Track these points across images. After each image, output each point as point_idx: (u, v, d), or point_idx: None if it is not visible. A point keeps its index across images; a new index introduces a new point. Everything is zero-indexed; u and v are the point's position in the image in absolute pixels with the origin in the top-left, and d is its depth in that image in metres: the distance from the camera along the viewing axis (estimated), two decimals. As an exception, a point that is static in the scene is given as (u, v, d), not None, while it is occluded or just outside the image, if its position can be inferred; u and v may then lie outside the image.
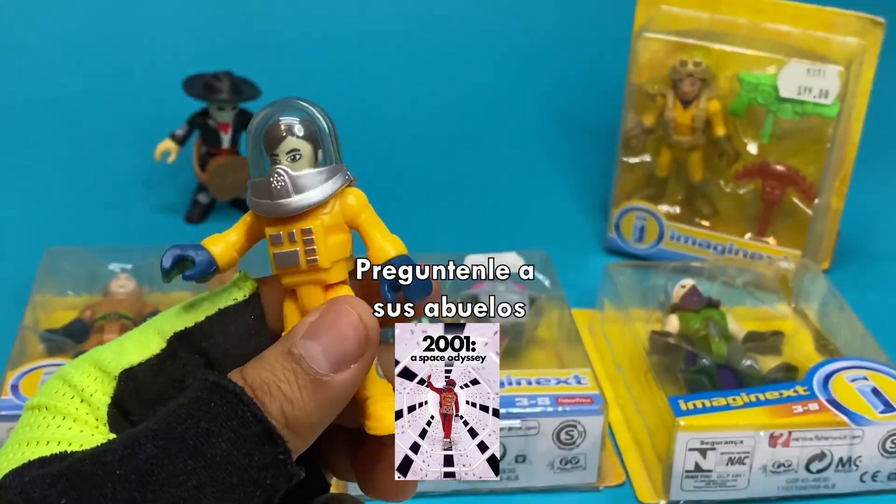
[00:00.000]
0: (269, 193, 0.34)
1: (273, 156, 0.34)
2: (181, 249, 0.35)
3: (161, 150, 0.91)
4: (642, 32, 0.85)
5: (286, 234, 0.34)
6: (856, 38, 0.82)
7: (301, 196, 0.34)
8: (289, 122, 0.35)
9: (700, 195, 0.89)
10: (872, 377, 0.68)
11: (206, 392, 0.31)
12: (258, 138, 0.35)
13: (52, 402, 0.33)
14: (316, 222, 0.34)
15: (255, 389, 0.31)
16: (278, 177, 0.34)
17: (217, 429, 0.30)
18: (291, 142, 0.35)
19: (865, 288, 0.86)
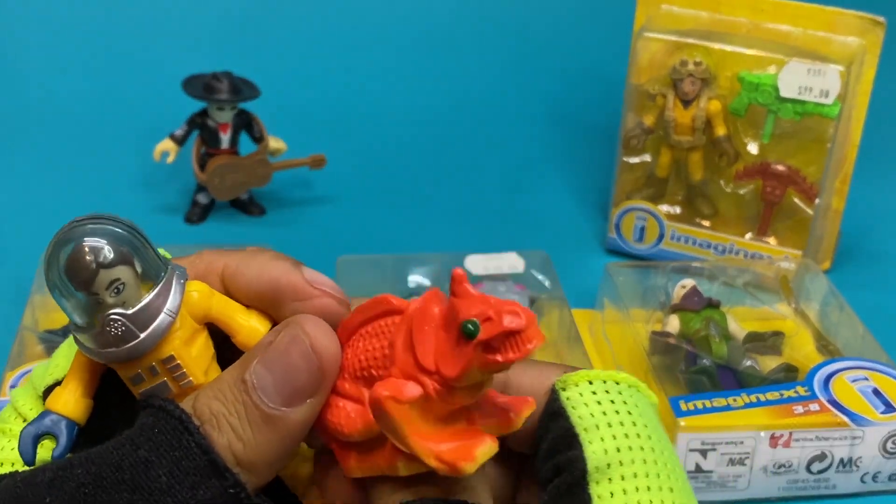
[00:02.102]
0: (108, 342, 0.29)
1: (92, 294, 0.29)
2: (34, 429, 0.30)
3: (160, 151, 0.91)
4: (642, 32, 0.85)
5: (146, 371, 0.30)
6: (856, 38, 0.82)
7: (149, 331, 0.29)
8: (92, 250, 0.29)
9: (700, 195, 0.89)
10: (873, 377, 0.68)
11: (150, 418, 0.29)
12: (63, 280, 0.29)
13: (4, 425, 0.32)
14: (173, 346, 0.30)
15: (203, 423, 0.29)
16: (115, 323, 0.29)
17: (157, 459, 0.28)
18: (108, 274, 0.29)
19: (866, 288, 0.86)
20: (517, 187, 1.01)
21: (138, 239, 0.31)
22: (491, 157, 1.07)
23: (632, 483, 0.31)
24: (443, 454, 0.29)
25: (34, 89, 1.12)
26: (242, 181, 0.92)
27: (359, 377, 0.31)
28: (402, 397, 0.29)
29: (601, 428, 0.32)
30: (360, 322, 0.32)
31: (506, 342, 0.29)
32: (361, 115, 1.12)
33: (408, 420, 0.29)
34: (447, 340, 0.30)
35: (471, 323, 0.29)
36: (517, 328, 0.29)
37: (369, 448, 0.31)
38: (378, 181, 1.01)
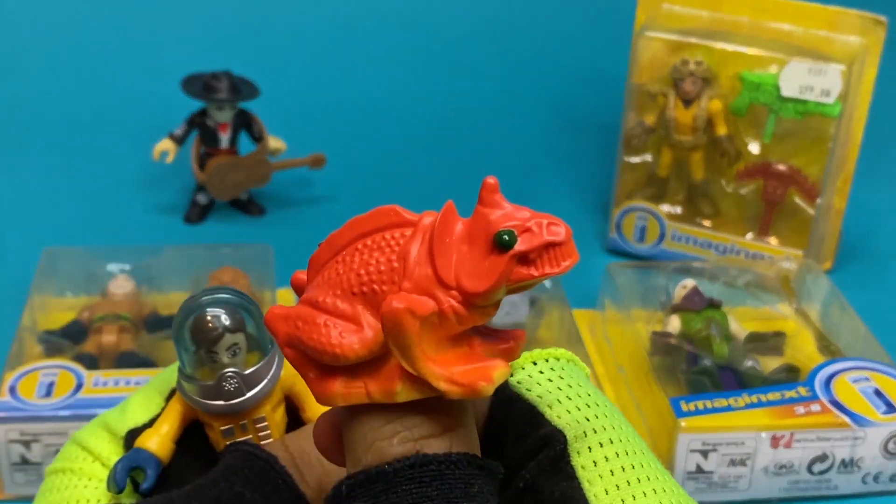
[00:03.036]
0: (220, 395, 0.34)
1: (211, 353, 0.34)
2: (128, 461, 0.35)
3: (159, 150, 0.91)
4: (643, 31, 0.85)
5: (238, 427, 0.35)
6: (858, 37, 0.82)
7: (254, 392, 0.35)
8: (217, 316, 0.35)
9: (701, 195, 0.88)
10: (875, 378, 0.67)
11: (238, 460, 0.33)
12: (191, 338, 0.35)
13: (72, 465, 0.36)
14: (266, 409, 0.35)
15: (295, 458, 0.33)
16: (231, 380, 0.34)
17: (251, 494, 0.32)
18: (229, 339, 0.35)
19: (868, 288, 0.85)
20: (517, 187, 1.01)
21: (254, 311, 0.36)
22: (491, 157, 1.06)
23: (610, 449, 0.31)
24: (455, 376, 0.28)
25: (33, 89, 1.11)
26: (242, 181, 0.92)
27: (356, 293, 0.29)
28: (420, 310, 0.27)
29: (563, 402, 0.32)
30: (357, 235, 0.30)
31: (543, 255, 0.28)
32: (361, 115, 1.12)
33: (420, 340, 0.28)
34: (471, 253, 0.28)
35: (507, 233, 0.27)
36: (559, 240, 0.28)
37: (361, 371, 0.29)
38: (378, 181, 1.01)
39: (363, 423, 0.29)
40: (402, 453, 0.28)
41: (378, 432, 0.28)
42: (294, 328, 0.29)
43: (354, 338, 0.28)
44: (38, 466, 0.62)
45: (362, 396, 0.28)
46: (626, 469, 0.31)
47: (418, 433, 0.28)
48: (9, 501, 0.63)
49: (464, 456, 0.28)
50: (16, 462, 0.62)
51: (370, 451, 0.28)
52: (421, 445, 0.28)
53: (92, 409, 0.62)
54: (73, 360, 0.67)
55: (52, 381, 0.64)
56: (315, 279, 0.30)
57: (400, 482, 0.27)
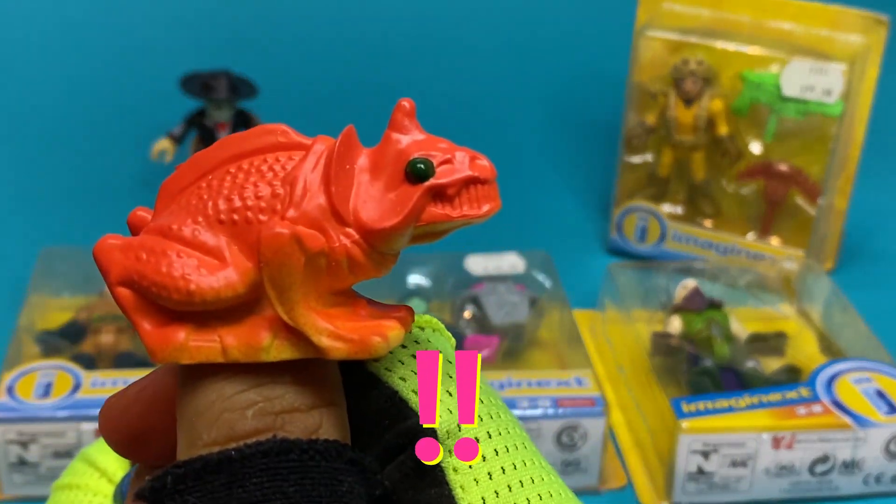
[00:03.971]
0: None
1: None
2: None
3: (158, 150, 0.90)
4: (644, 30, 0.85)
5: None
6: (859, 36, 0.82)
7: None
8: None
9: (702, 195, 0.88)
10: (876, 379, 0.67)
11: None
12: None
13: (79, 480, 0.35)
14: None
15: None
16: None
17: None
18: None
19: (869, 288, 0.85)
20: (518, 187, 1.01)
21: None
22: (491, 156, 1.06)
23: (489, 445, 0.25)
24: (341, 330, 0.23)
25: (31, 87, 1.11)
26: (241, 180, 0.91)
27: (224, 222, 0.23)
28: (309, 243, 0.22)
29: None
30: (231, 155, 0.24)
31: (463, 193, 0.23)
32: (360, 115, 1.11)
33: (302, 283, 0.23)
34: (376, 184, 0.23)
35: (422, 161, 0.23)
36: (483, 178, 0.24)
37: (216, 320, 0.23)
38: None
39: (209, 389, 0.23)
40: (258, 429, 0.22)
41: (228, 402, 0.22)
42: (135, 260, 0.24)
43: (217, 274, 0.23)
44: (36, 467, 0.62)
45: (215, 352, 0.23)
46: (508, 470, 0.25)
47: (280, 406, 0.23)
48: (7, 502, 0.63)
49: (333, 445, 0.23)
50: (13, 463, 0.62)
51: (216, 426, 0.22)
52: (283, 421, 0.23)
53: (90, 410, 0.62)
54: (70, 360, 0.67)
55: (49, 382, 0.64)
56: (169, 206, 0.25)
57: (249, 473, 0.22)
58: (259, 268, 0.23)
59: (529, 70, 1.20)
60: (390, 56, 1.20)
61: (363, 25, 1.23)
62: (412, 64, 1.19)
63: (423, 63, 1.19)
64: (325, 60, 1.18)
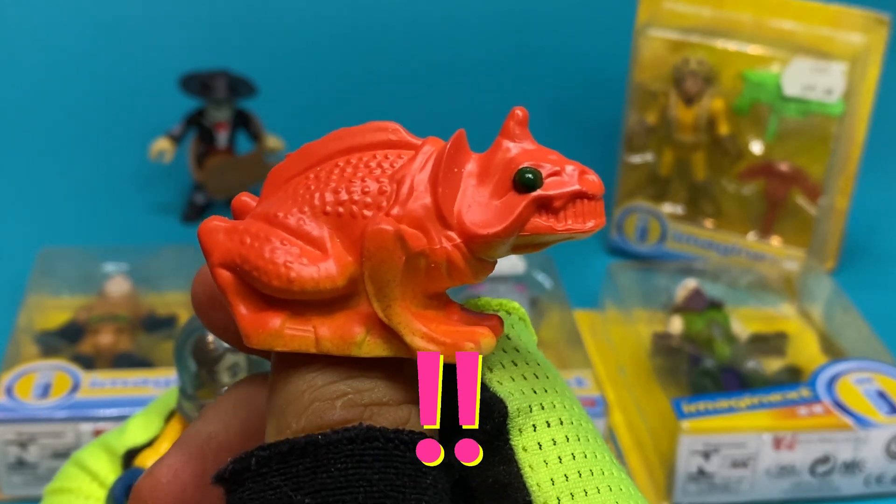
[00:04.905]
0: None
1: (212, 372, 0.34)
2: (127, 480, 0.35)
3: (157, 149, 0.90)
4: (644, 30, 0.85)
5: None
6: (861, 36, 0.81)
7: None
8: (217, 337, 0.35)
9: (703, 195, 0.88)
10: (878, 379, 0.67)
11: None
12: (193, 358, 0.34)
13: (71, 484, 0.35)
14: None
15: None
16: None
17: None
18: (230, 359, 0.34)
19: (871, 289, 0.85)
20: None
21: None
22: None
23: (560, 432, 0.25)
24: (435, 332, 0.23)
25: (30, 87, 1.11)
26: (240, 180, 0.91)
27: (329, 213, 0.23)
28: (412, 242, 0.22)
29: (507, 367, 0.25)
30: (343, 148, 0.25)
31: (569, 207, 0.23)
32: (360, 114, 1.11)
33: (402, 281, 0.23)
34: (483, 189, 0.23)
35: (531, 171, 0.23)
36: (592, 193, 0.23)
37: (312, 311, 0.23)
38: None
39: (300, 379, 0.23)
40: (346, 419, 0.22)
41: (319, 392, 0.22)
42: (239, 243, 0.23)
43: (318, 265, 0.23)
44: (35, 468, 0.62)
45: (309, 342, 0.23)
46: (578, 457, 0.25)
47: (369, 398, 0.23)
48: (6, 502, 0.63)
49: (419, 436, 0.22)
50: (12, 463, 0.62)
51: (305, 414, 0.22)
52: (371, 413, 0.23)
53: (89, 410, 0.61)
54: (69, 360, 0.67)
55: (48, 382, 0.64)
56: (275, 193, 0.25)
57: (334, 459, 0.21)
58: (360, 262, 0.23)
59: (529, 70, 1.20)
60: (390, 55, 1.20)
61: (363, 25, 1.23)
62: (412, 64, 1.19)
63: (423, 63, 1.19)
64: (324, 60, 1.18)
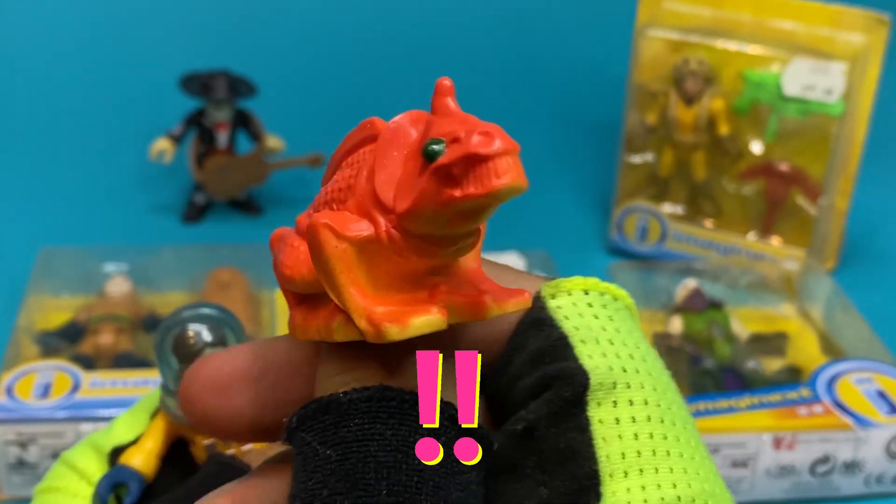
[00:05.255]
0: None
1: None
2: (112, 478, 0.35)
3: (157, 150, 0.90)
4: (644, 30, 0.85)
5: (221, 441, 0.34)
6: (861, 36, 0.81)
7: None
8: (198, 332, 0.35)
9: (703, 195, 0.88)
10: (878, 379, 0.67)
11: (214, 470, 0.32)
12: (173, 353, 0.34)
13: (59, 483, 0.35)
14: None
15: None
16: None
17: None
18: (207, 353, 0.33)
19: (871, 289, 0.85)
20: (518, 186, 1.01)
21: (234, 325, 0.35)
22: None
23: (642, 411, 0.25)
24: (374, 314, 0.23)
25: (30, 87, 1.11)
26: (240, 180, 0.91)
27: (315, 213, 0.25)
28: (344, 231, 0.23)
29: (601, 343, 0.26)
30: (344, 151, 0.26)
31: (468, 171, 0.22)
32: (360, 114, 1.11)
33: (349, 268, 0.23)
34: (412, 168, 0.23)
35: (435, 142, 0.22)
36: (485, 153, 0.21)
37: (316, 303, 0.25)
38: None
39: (323, 367, 0.25)
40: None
41: (330, 381, 0.25)
42: (275, 249, 0.26)
43: (306, 262, 0.24)
44: (35, 468, 0.62)
45: (312, 332, 0.24)
46: (656, 437, 0.25)
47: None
48: (6, 502, 0.63)
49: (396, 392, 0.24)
50: (12, 463, 0.62)
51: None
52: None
53: (89, 411, 0.61)
54: (70, 360, 0.67)
55: (48, 382, 0.64)
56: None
57: (352, 415, 0.23)
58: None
59: (530, 70, 1.20)
60: (390, 55, 1.20)
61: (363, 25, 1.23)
62: (412, 64, 1.19)
63: (423, 63, 1.19)
64: (325, 60, 1.18)
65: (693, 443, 0.26)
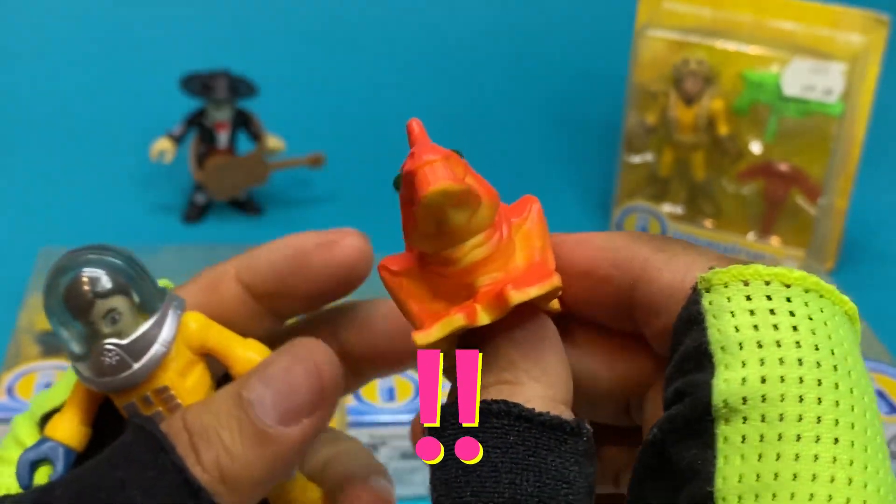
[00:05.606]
0: (102, 371, 0.29)
1: (88, 324, 0.29)
2: (32, 455, 0.31)
3: (157, 150, 0.90)
4: (644, 30, 0.85)
5: (140, 400, 0.30)
6: (860, 36, 0.81)
7: (143, 362, 0.30)
8: (91, 279, 0.29)
9: (703, 195, 0.88)
10: (877, 379, 0.67)
11: (130, 436, 0.28)
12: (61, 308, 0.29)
13: (5, 454, 0.32)
14: (168, 376, 0.30)
15: (192, 435, 0.28)
16: (109, 353, 0.29)
17: (133, 479, 0.27)
18: (104, 304, 0.29)
19: (870, 289, 0.85)
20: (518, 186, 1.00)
21: (135, 269, 0.30)
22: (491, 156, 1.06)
23: (775, 429, 0.23)
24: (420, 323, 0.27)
25: (31, 88, 1.11)
26: (240, 180, 0.91)
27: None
28: (390, 267, 0.27)
29: (746, 348, 0.24)
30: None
31: (410, 192, 0.25)
32: (360, 114, 1.11)
33: (405, 291, 0.27)
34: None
35: (397, 178, 0.26)
36: (408, 170, 0.25)
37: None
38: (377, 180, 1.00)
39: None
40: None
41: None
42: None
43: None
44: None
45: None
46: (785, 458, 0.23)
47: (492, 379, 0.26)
48: (5, 503, 0.63)
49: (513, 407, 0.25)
50: (12, 463, 0.62)
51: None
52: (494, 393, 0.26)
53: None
54: (67, 365, 0.67)
55: (49, 382, 0.64)
56: None
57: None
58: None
59: (530, 70, 1.20)
60: (390, 56, 1.20)
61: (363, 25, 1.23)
62: (412, 64, 1.19)
63: (423, 63, 1.19)
64: (325, 60, 1.18)
65: (857, 463, 0.23)
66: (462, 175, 0.26)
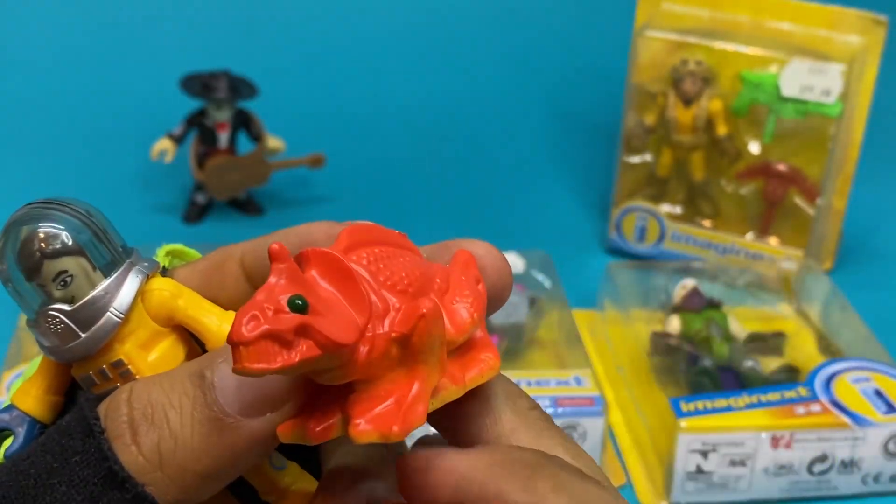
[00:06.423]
0: (49, 339, 0.26)
1: (39, 286, 0.26)
2: None
3: (158, 150, 0.90)
4: (643, 31, 0.85)
5: (97, 373, 0.27)
6: (858, 37, 0.82)
7: (91, 332, 0.26)
8: (38, 238, 0.26)
9: (701, 195, 0.88)
10: (875, 378, 0.67)
11: (71, 416, 0.26)
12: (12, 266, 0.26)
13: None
14: (125, 349, 0.27)
15: (133, 411, 0.25)
16: (52, 320, 0.26)
17: (60, 466, 0.24)
18: (54, 265, 0.26)
19: (868, 288, 0.85)
20: (517, 187, 1.01)
21: (95, 227, 0.27)
22: (491, 157, 1.06)
23: None
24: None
25: (31, 88, 1.11)
26: (240, 180, 0.91)
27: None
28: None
29: None
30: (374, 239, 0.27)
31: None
32: (360, 115, 1.11)
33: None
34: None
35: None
36: (234, 323, 0.22)
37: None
38: (377, 181, 1.01)
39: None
40: None
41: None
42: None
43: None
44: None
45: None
46: None
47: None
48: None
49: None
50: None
51: None
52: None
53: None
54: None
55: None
56: None
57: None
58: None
59: (529, 70, 1.21)
60: (390, 56, 1.20)
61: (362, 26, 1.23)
62: (411, 64, 1.19)
63: (423, 63, 1.19)
64: (325, 61, 1.18)
65: None
66: (289, 341, 0.22)
